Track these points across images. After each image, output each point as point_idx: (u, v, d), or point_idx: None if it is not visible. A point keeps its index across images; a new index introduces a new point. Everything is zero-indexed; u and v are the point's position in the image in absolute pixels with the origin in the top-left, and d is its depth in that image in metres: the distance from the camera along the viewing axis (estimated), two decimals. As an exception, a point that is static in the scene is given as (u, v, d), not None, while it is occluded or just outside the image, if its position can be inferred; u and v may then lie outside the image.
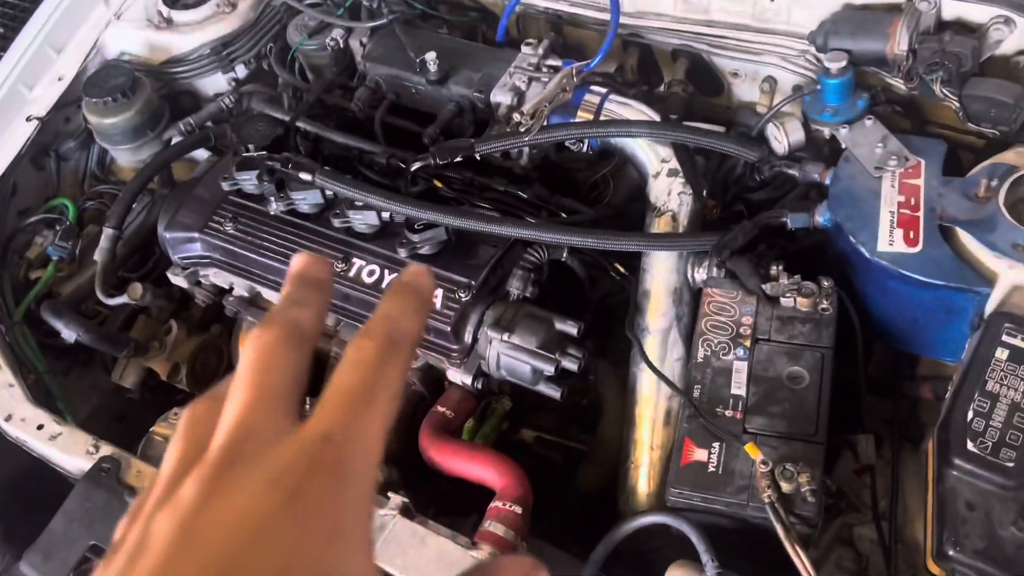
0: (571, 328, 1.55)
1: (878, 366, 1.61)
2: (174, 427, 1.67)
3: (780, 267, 1.53)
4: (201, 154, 2.12)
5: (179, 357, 1.86)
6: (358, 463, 0.47)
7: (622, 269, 1.72)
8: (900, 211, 1.43)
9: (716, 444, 1.33)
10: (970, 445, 1.21)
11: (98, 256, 1.84)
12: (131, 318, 1.91)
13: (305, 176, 1.64)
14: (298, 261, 0.57)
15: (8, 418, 1.66)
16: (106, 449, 1.59)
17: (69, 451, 1.60)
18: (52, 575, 1.48)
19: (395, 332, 0.52)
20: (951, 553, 1.19)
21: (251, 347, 0.50)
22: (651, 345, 1.61)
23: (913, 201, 1.44)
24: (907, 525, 1.46)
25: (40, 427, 1.64)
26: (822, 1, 1.64)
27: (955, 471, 1.22)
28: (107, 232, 1.85)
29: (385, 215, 1.64)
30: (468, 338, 1.58)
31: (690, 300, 1.64)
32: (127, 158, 2.05)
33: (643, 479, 1.64)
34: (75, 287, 1.90)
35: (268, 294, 1.80)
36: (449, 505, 1.63)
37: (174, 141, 2.03)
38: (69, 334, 1.74)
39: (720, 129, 1.82)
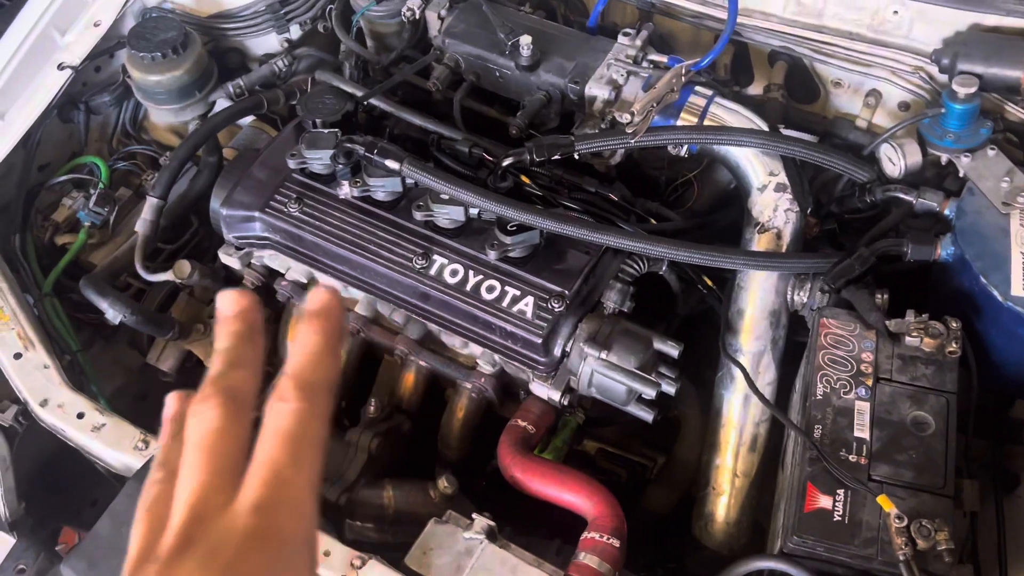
0: (671, 349, 1.46)
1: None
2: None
3: (885, 296, 1.46)
4: (248, 118, 1.97)
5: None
6: (290, 525, 0.52)
7: (710, 283, 1.64)
8: (1034, 253, 1.37)
9: (841, 491, 1.26)
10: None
11: (140, 227, 1.69)
12: (171, 296, 1.76)
13: (392, 164, 1.50)
14: (226, 303, 0.59)
15: (44, 403, 1.51)
16: (155, 444, 1.46)
17: (115, 445, 1.47)
18: (98, 584, 1.36)
19: (309, 386, 0.55)
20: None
21: (196, 427, 0.54)
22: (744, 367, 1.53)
23: (1046, 243, 1.37)
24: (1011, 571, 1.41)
25: (80, 415, 1.50)
26: (950, 18, 1.55)
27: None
28: (151, 202, 1.69)
29: (472, 211, 1.52)
30: (558, 352, 1.48)
31: (787, 324, 1.57)
32: (167, 118, 1.89)
33: (723, 507, 1.58)
34: (111, 259, 1.74)
35: (325, 279, 1.67)
36: (514, 521, 1.55)
37: (220, 104, 1.87)
38: (114, 315, 1.59)
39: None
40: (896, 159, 1.55)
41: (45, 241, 1.80)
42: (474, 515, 1.37)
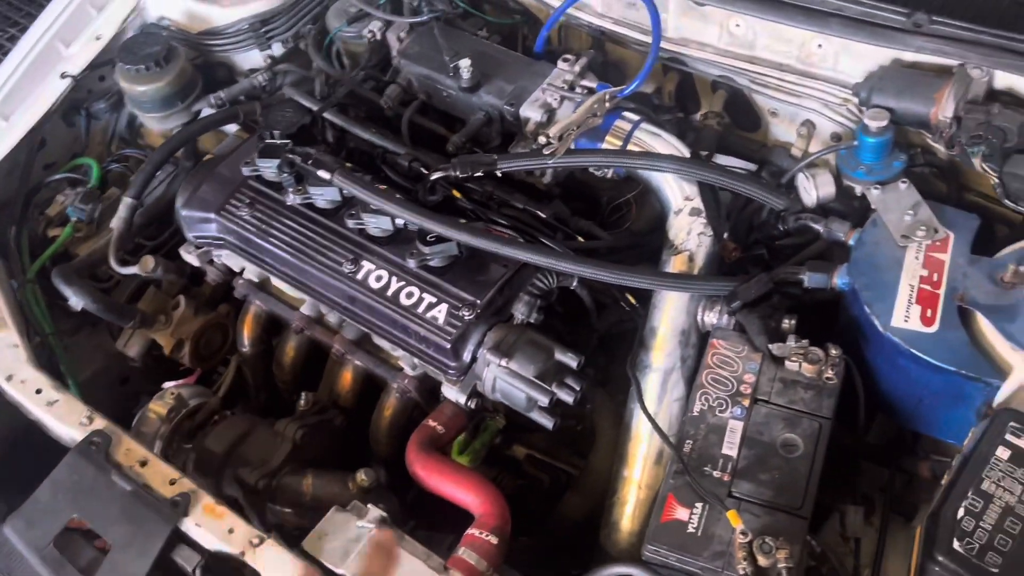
0: (571, 361, 1.53)
1: (880, 434, 1.57)
2: (168, 405, 1.68)
3: (792, 322, 1.50)
4: (232, 126, 2.12)
5: (184, 333, 1.87)
6: None
7: (632, 300, 1.70)
8: (921, 286, 1.39)
9: (699, 504, 1.31)
10: (956, 544, 1.18)
11: (114, 224, 1.85)
12: (142, 287, 1.92)
13: (323, 174, 1.62)
14: None
15: (9, 378, 1.67)
16: (99, 423, 1.60)
17: (63, 420, 1.61)
18: (33, 543, 1.50)
19: None
20: (922, 652, 1.16)
21: None
22: (652, 383, 1.58)
23: (936, 277, 1.40)
24: (886, 599, 1.44)
25: (39, 391, 1.65)
26: (872, 53, 1.58)
27: (938, 567, 1.19)
28: (126, 201, 1.85)
29: (399, 222, 1.62)
30: (467, 357, 1.57)
31: (697, 343, 1.61)
32: (155, 126, 2.05)
33: (627, 517, 1.62)
34: (90, 251, 1.90)
35: (277, 282, 1.79)
36: (432, 514, 1.63)
37: (203, 114, 2.02)
38: (76, 302, 1.75)
39: (750, 169, 1.79)
40: (809, 188, 1.58)
41: (39, 233, 1.98)
42: (369, 505, 1.47)
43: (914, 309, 1.37)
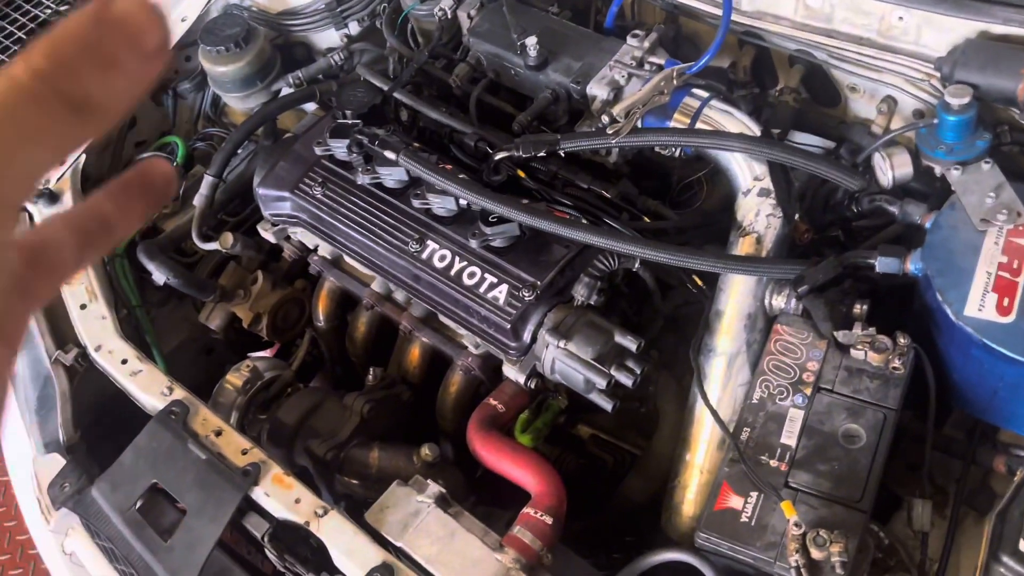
0: (631, 343, 1.51)
1: (958, 425, 1.51)
2: (244, 377, 1.75)
3: (864, 307, 1.45)
4: (311, 105, 2.16)
5: (261, 307, 1.93)
6: None
7: (699, 282, 1.67)
8: (999, 273, 1.32)
9: (754, 494, 1.29)
10: (1023, 545, 1.13)
11: (196, 201, 1.92)
12: (224, 262, 1.99)
13: (389, 154, 1.64)
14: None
15: (98, 348, 1.77)
16: (179, 393, 1.68)
17: (146, 389, 1.70)
18: (116, 505, 1.59)
19: (58, 80, 0.41)
20: (983, 653, 1.12)
21: None
22: (717, 367, 1.56)
23: (1016, 264, 1.33)
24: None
25: (124, 361, 1.74)
26: (956, 25, 1.50)
27: (1002, 568, 1.14)
28: (207, 179, 1.91)
29: (463, 202, 1.63)
30: (527, 337, 1.57)
31: (764, 327, 1.57)
32: (236, 105, 2.11)
33: (688, 501, 1.61)
34: (175, 227, 1.98)
35: (349, 259, 1.84)
36: (498, 490, 1.65)
37: (282, 93, 2.07)
38: (159, 276, 1.83)
39: (827, 147, 1.72)
40: (885, 169, 1.52)
41: (129, 209, 2.07)
42: (428, 481, 1.50)
43: (990, 297, 1.30)
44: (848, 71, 1.66)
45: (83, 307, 1.82)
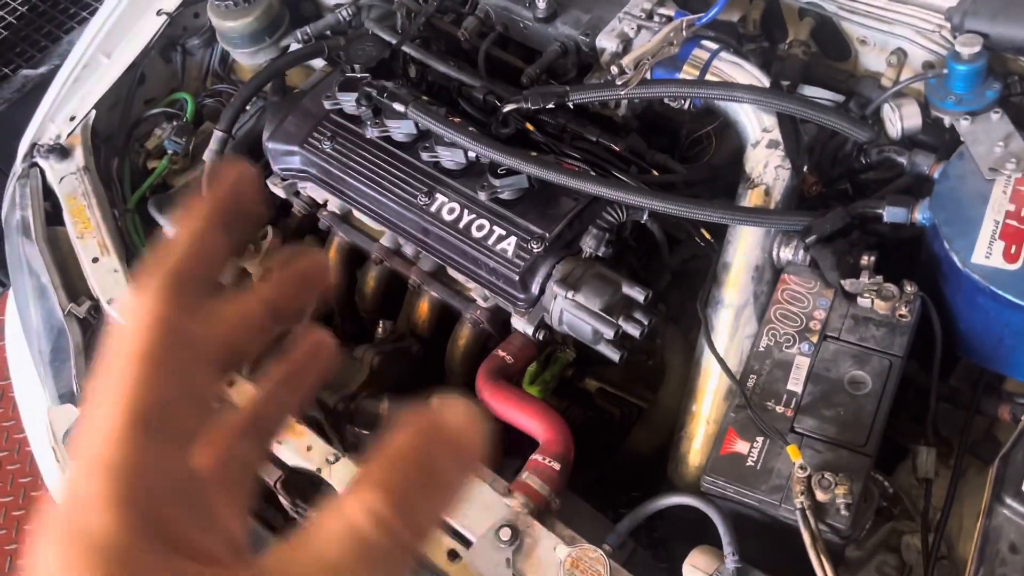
0: (638, 294, 1.52)
1: (963, 376, 1.52)
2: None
3: (872, 258, 1.46)
4: (319, 61, 2.16)
5: (272, 262, 1.94)
6: None
7: (707, 235, 1.67)
8: (1006, 221, 1.33)
9: (760, 439, 1.30)
10: (1026, 486, 1.14)
11: (206, 157, 1.93)
12: (233, 218, 2.00)
13: (398, 107, 1.65)
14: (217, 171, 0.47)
15: (110, 301, 1.79)
16: (191, 344, 1.69)
17: (158, 341, 1.72)
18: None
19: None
20: (985, 594, 1.14)
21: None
22: (724, 319, 1.57)
23: (1024, 212, 1.33)
24: (960, 542, 1.41)
25: (136, 314, 1.76)
26: (969, -26, 1.49)
27: (1006, 509, 1.16)
28: (216, 135, 1.92)
29: (472, 155, 1.64)
30: (535, 289, 1.59)
31: (771, 279, 1.58)
32: (245, 61, 2.11)
33: (695, 451, 1.63)
34: (185, 182, 1.99)
35: (358, 214, 1.84)
36: (501, 442, 1.67)
37: (291, 49, 2.07)
38: (171, 230, 1.84)
39: (836, 100, 1.72)
40: (894, 120, 1.52)
41: (140, 165, 2.08)
42: (438, 429, 1.52)
43: (997, 245, 1.31)
44: (858, 23, 1.66)
45: (95, 260, 1.84)
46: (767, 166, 1.56)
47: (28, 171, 2.00)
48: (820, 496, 1.21)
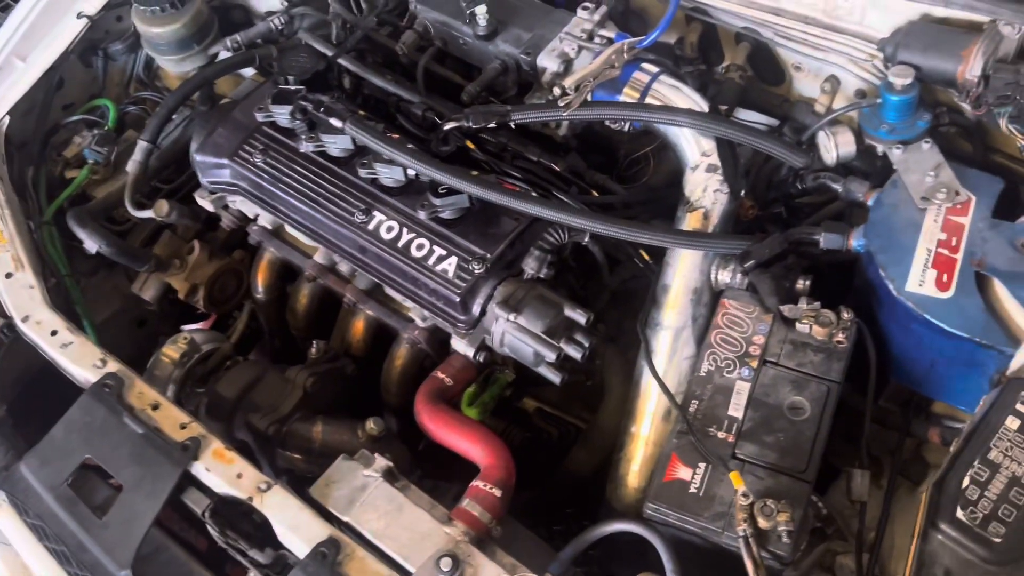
0: (580, 317, 1.52)
1: (892, 398, 1.56)
2: (181, 349, 1.70)
3: (807, 283, 1.48)
4: (249, 70, 2.10)
5: (198, 278, 1.88)
6: None
7: (647, 257, 1.68)
8: (938, 250, 1.36)
9: (702, 464, 1.31)
10: (960, 513, 1.17)
11: (130, 168, 1.85)
12: (158, 231, 1.93)
13: (335, 122, 1.61)
14: None
15: (25, 319, 1.69)
16: (113, 365, 1.62)
17: (78, 362, 1.63)
18: (48, 482, 1.53)
19: None
20: (920, 616, 1.16)
21: None
22: (663, 340, 1.57)
23: (954, 241, 1.37)
24: (891, 561, 1.44)
25: (54, 333, 1.67)
26: (900, 7, 1.53)
27: (940, 535, 1.18)
28: (141, 145, 1.85)
29: (411, 172, 1.60)
30: (476, 310, 1.56)
31: (709, 302, 1.59)
32: (172, 68, 2.04)
33: (633, 473, 1.62)
34: (106, 194, 1.92)
35: (291, 229, 1.79)
36: (442, 464, 1.64)
37: (220, 57, 2.00)
38: (92, 245, 1.77)
39: (771, 125, 1.75)
40: (829, 147, 1.55)
41: (57, 174, 1.98)
42: (376, 455, 1.48)
43: (930, 273, 1.34)
44: (793, 49, 1.69)
45: (8, 276, 1.74)
46: (706, 190, 1.57)
47: (-67, 180, 1.89)
48: (762, 523, 1.22)
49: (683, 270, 1.58)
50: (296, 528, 1.42)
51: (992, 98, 1.41)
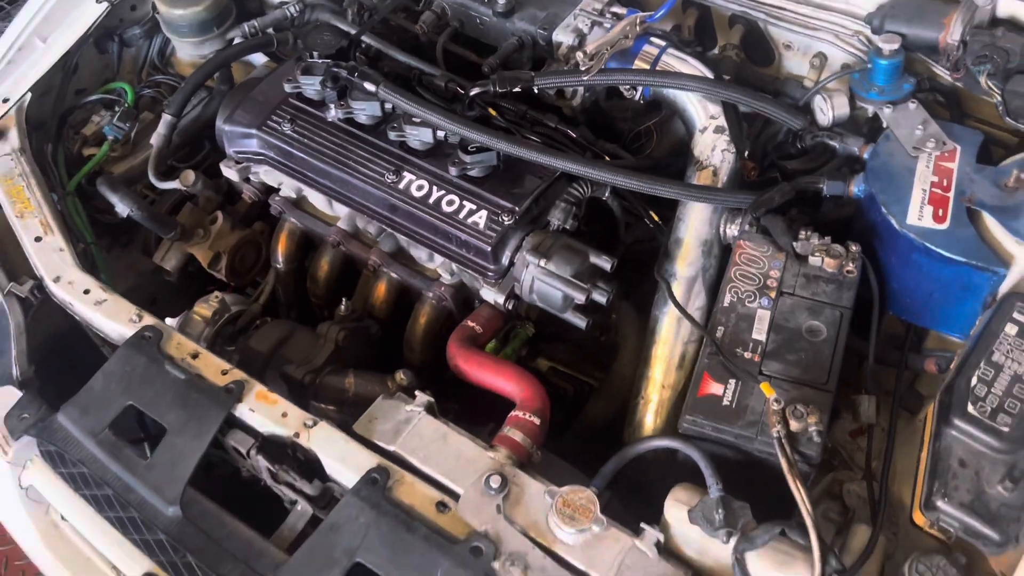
0: (605, 263, 1.63)
1: (885, 339, 1.69)
2: (213, 307, 1.75)
3: (809, 231, 1.62)
4: (257, 59, 2.19)
5: (221, 247, 1.93)
6: None
7: (656, 218, 1.80)
8: (932, 190, 1.51)
9: (732, 381, 1.41)
10: (971, 408, 1.30)
11: (154, 140, 1.91)
12: (177, 206, 1.98)
13: (369, 86, 1.70)
14: None
15: (56, 279, 1.73)
16: (148, 319, 1.66)
17: (113, 317, 1.67)
18: (88, 429, 1.56)
19: None
20: (939, 504, 1.28)
21: None
22: (676, 289, 1.68)
23: (945, 183, 1.52)
24: (893, 485, 1.55)
25: (87, 291, 1.71)
26: (884, -16, 1.70)
27: (953, 431, 1.30)
28: (166, 118, 1.91)
29: (440, 134, 1.70)
30: (506, 260, 1.66)
31: (719, 254, 1.72)
32: (189, 51, 2.11)
33: (651, 415, 1.72)
34: (127, 168, 1.97)
35: (314, 197, 1.87)
36: (461, 417, 1.72)
37: (236, 41, 2.08)
38: (123, 208, 1.81)
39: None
40: (826, 109, 1.70)
41: (74, 152, 2.03)
42: (416, 392, 1.55)
43: (927, 209, 1.49)
44: (784, 28, 1.85)
45: (38, 240, 1.78)
46: (714, 149, 1.71)
47: (-46, 154, 1.92)
48: (794, 425, 1.33)
49: (694, 224, 1.70)
50: (344, 459, 1.47)
51: (971, 59, 1.58)
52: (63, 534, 1.71)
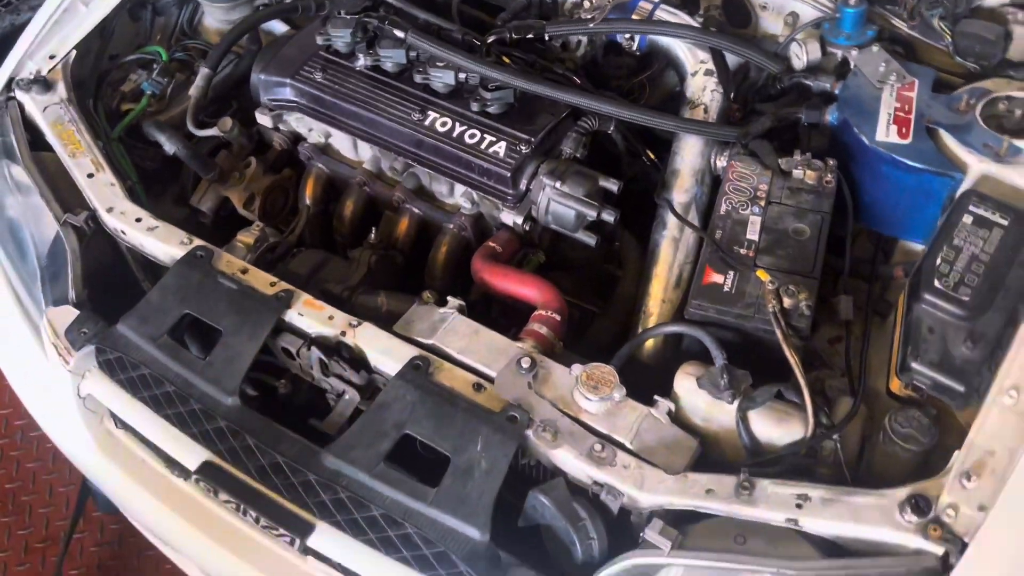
0: (612, 185, 1.83)
1: (856, 260, 1.91)
2: (255, 235, 1.91)
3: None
4: (277, 28, 2.37)
5: (255, 189, 2.10)
6: None
7: (652, 156, 2.02)
8: (896, 113, 1.75)
9: (731, 272, 1.62)
10: (936, 283, 1.52)
11: (192, 91, 2.08)
12: (212, 154, 2.14)
13: (398, 33, 1.90)
14: None
15: (109, 209, 1.89)
16: (198, 242, 1.83)
17: (166, 240, 1.83)
18: (148, 335, 1.71)
19: None
20: (913, 364, 1.49)
21: None
22: (673, 216, 1.90)
23: (907, 108, 1.76)
24: (868, 378, 1.76)
25: (138, 220, 1.87)
26: (848, -54, 1.95)
27: (923, 304, 1.52)
28: (203, 72, 2.09)
29: (461, 77, 1.91)
30: (523, 186, 1.86)
31: (710, 183, 1.93)
32: (219, 16, 2.30)
33: (652, 325, 1.92)
34: (167, 118, 2.13)
35: (340, 142, 2.06)
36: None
37: (264, 6, 2.27)
38: (170, 147, 1.98)
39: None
40: (801, 55, 1.94)
41: (113, 107, 2.19)
42: (449, 297, 1.74)
43: (892, 128, 1.72)
44: (763, -10, 2.09)
45: (90, 176, 1.93)
46: (704, 90, 1.94)
47: (5, 103, 2.07)
48: (787, 302, 1.54)
49: (688, 156, 1.92)
50: (388, 351, 1.65)
51: (925, 5, 1.83)
52: (117, 440, 1.86)
